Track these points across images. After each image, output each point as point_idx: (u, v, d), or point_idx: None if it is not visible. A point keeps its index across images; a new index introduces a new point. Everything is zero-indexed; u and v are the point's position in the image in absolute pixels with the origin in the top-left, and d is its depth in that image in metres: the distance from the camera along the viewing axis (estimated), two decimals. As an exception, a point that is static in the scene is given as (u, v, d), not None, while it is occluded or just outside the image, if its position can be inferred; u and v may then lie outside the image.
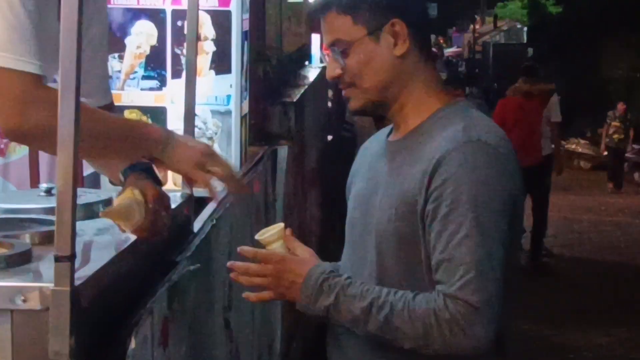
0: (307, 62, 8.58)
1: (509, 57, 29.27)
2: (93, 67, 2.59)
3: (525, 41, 36.97)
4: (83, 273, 1.98)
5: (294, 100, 5.78)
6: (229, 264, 2.36)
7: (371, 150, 2.41)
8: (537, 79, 10.56)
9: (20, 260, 2.04)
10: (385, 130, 2.40)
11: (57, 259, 1.86)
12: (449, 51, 51.04)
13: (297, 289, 2.24)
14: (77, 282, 1.88)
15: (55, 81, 2.29)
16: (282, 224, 2.40)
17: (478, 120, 2.24)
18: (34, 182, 3.85)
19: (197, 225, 2.99)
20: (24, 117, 2.14)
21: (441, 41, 56.36)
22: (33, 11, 2.19)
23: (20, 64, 2.15)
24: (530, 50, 32.39)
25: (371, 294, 2.16)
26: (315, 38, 8.14)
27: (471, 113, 2.26)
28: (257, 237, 2.37)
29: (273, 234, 2.35)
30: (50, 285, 1.86)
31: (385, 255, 2.23)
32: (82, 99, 2.43)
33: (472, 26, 47.09)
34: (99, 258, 2.17)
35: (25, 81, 2.15)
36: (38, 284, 1.89)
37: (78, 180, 1.96)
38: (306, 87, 6.49)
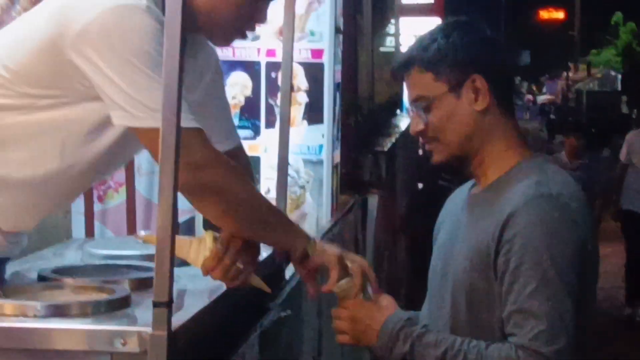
0: (398, 111, 8.64)
1: (602, 105, 29.00)
2: (212, 114, 2.62)
3: (619, 89, 36.59)
4: (179, 318, 2.06)
5: (385, 149, 5.84)
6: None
7: (456, 202, 2.46)
8: None
9: (120, 305, 2.13)
10: (470, 183, 2.45)
11: (155, 305, 1.94)
12: (542, 98, 50.70)
13: (373, 334, 2.30)
14: (173, 327, 1.96)
15: None
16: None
17: (552, 174, 2.27)
18: (131, 228, 3.97)
19: (288, 272, 3.05)
20: (195, 174, 2.17)
21: (535, 88, 56.05)
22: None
23: (194, 122, 2.19)
24: (624, 98, 32.04)
25: (445, 343, 2.21)
26: (407, 87, 8.19)
27: (547, 167, 2.30)
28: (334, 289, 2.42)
29: (346, 289, 2.40)
30: (149, 330, 1.94)
31: (459, 305, 2.27)
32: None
33: (565, 73, 46.73)
34: (194, 304, 2.25)
35: (197, 135, 2.18)
36: (137, 328, 1.97)
37: (176, 228, 2.04)
38: (397, 135, 6.55)
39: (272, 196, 3.25)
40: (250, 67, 4.24)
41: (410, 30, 11.75)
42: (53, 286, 2.28)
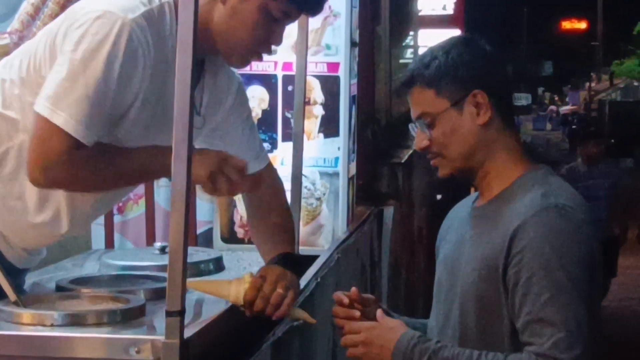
0: (417, 122, 8.65)
1: (625, 115, 28.89)
2: (237, 137, 2.72)
3: (642, 99, 36.46)
4: (192, 327, 2.12)
5: (402, 161, 5.89)
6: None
7: (458, 215, 2.51)
8: None
9: (135, 315, 2.20)
10: (472, 196, 2.50)
11: (168, 314, 2.00)
12: (564, 109, 50.62)
13: (387, 354, 2.32)
14: (186, 335, 2.02)
15: None
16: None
17: (557, 186, 2.32)
18: (150, 239, 4.03)
19: (302, 282, 3.10)
20: (46, 174, 2.27)
21: (556, 99, 55.95)
22: (111, 89, 2.28)
23: (70, 125, 2.24)
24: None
25: (462, 357, 2.24)
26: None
27: (551, 179, 2.35)
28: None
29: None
30: (162, 338, 2.00)
31: (468, 316, 2.32)
32: None
33: (587, 84, 46.65)
34: (208, 313, 2.31)
35: (65, 142, 2.25)
36: (150, 337, 2.03)
37: (189, 239, 2.10)
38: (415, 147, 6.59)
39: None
40: (267, 81, 4.29)
41: (430, 42, 11.83)
42: (70, 296, 2.35)
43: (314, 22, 4.19)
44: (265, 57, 4.28)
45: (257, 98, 4.30)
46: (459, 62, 2.34)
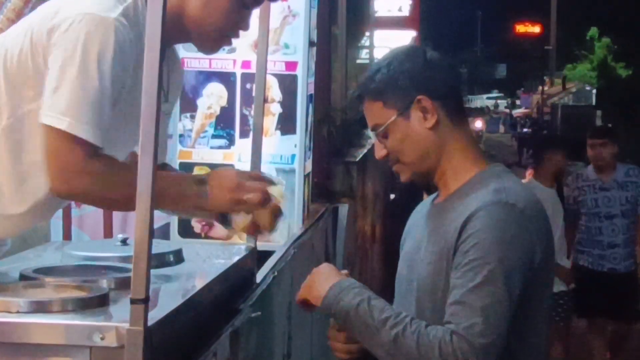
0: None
1: (577, 119, 29.19)
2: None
3: (593, 103, 36.87)
4: (155, 315, 2.18)
5: (357, 159, 5.98)
6: None
7: (420, 213, 2.61)
8: None
9: (99, 303, 2.24)
10: (433, 195, 2.59)
11: (133, 302, 2.06)
12: (517, 112, 51.00)
13: (326, 286, 2.41)
14: (149, 323, 2.08)
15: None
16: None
17: (510, 183, 2.42)
18: (107, 232, 4.08)
19: (259, 276, 3.18)
20: (69, 184, 2.32)
21: (509, 101, 56.33)
22: (107, 87, 2.34)
23: (78, 129, 2.29)
24: (598, 113, 32.31)
25: (390, 312, 2.34)
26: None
27: (505, 177, 2.45)
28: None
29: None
30: (126, 325, 2.06)
31: (424, 308, 2.41)
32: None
33: (540, 87, 47.04)
34: (169, 303, 2.37)
35: (79, 147, 2.30)
36: (115, 324, 2.08)
37: (153, 230, 2.17)
38: (369, 146, 6.68)
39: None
40: (226, 78, 4.37)
41: (385, 43, 11.96)
42: (35, 285, 2.39)
43: (274, 21, 4.26)
44: (224, 55, 4.42)
45: (216, 95, 4.38)
46: (399, 71, 2.44)
